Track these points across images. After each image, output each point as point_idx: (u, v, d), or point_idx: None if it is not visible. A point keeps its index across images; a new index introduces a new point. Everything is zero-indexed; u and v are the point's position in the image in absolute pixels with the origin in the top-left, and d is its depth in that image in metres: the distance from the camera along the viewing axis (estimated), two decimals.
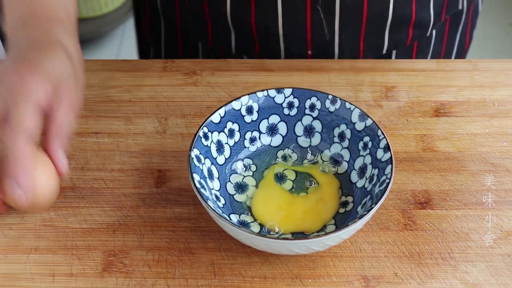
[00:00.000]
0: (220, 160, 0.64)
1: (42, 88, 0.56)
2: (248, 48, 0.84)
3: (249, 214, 0.63)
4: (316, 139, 0.67)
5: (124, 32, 2.16)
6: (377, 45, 0.84)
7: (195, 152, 0.61)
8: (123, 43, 2.13)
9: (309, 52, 0.82)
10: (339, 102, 0.65)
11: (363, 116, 0.64)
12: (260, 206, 0.63)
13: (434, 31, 0.88)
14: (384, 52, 0.85)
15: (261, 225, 0.62)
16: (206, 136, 0.63)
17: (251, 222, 0.62)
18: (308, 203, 0.63)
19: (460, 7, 0.89)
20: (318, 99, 0.66)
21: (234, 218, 0.62)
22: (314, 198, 0.63)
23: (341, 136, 0.66)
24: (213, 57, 0.86)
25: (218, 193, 0.62)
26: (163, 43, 0.93)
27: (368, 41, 0.83)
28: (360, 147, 0.64)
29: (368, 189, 0.61)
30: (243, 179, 0.65)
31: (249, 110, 0.66)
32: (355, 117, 0.64)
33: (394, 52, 0.87)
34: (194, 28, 0.86)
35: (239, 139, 0.66)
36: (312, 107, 0.66)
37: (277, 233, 0.61)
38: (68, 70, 0.59)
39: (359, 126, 0.64)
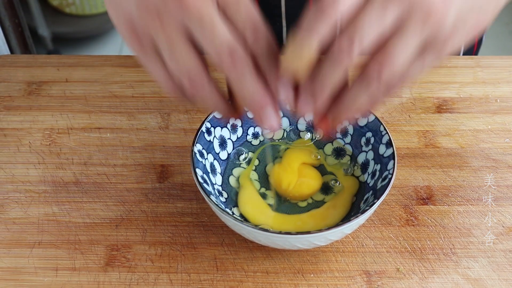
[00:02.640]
0: (223, 155, 0.65)
1: None
2: None
3: None
4: (318, 135, 0.67)
5: None
6: None
7: (198, 147, 0.61)
8: None
9: None
10: None
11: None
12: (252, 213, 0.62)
13: None
14: None
15: None
16: (209, 131, 0.63)
17: None
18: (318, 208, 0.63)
19: None
20: None
21: (237, 211, 0.62)
22: (326, 205, 0.62)
23: (344, 131, 0.66)
24: None
25: (220, 188, 0.63)
26: None
27: None
28: (362, 143, 0.64)
29: (370, 185, 0.61)
30: None
31: None
32: None
33: None
34: None
35: (242, 134, 0.66)
36: None
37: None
38: None
39: (362, 121, 0.64)
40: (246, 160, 0.66)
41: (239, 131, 0.66)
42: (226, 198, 0.62)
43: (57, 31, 2.01)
